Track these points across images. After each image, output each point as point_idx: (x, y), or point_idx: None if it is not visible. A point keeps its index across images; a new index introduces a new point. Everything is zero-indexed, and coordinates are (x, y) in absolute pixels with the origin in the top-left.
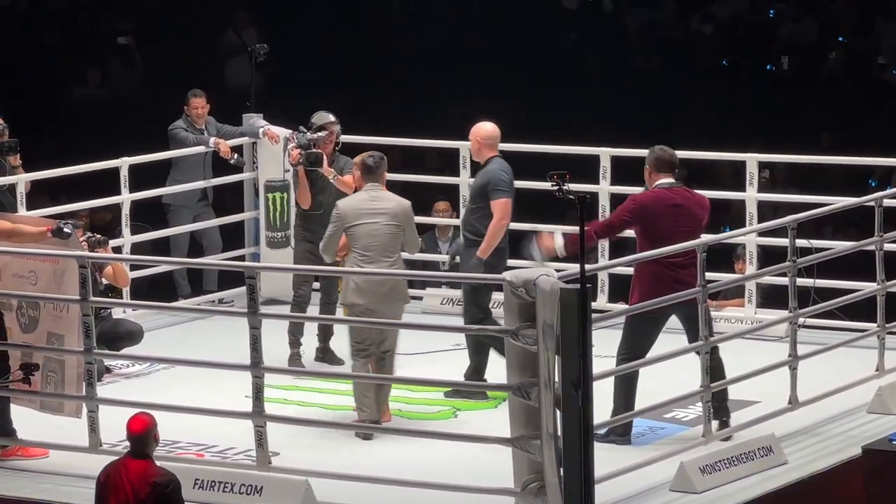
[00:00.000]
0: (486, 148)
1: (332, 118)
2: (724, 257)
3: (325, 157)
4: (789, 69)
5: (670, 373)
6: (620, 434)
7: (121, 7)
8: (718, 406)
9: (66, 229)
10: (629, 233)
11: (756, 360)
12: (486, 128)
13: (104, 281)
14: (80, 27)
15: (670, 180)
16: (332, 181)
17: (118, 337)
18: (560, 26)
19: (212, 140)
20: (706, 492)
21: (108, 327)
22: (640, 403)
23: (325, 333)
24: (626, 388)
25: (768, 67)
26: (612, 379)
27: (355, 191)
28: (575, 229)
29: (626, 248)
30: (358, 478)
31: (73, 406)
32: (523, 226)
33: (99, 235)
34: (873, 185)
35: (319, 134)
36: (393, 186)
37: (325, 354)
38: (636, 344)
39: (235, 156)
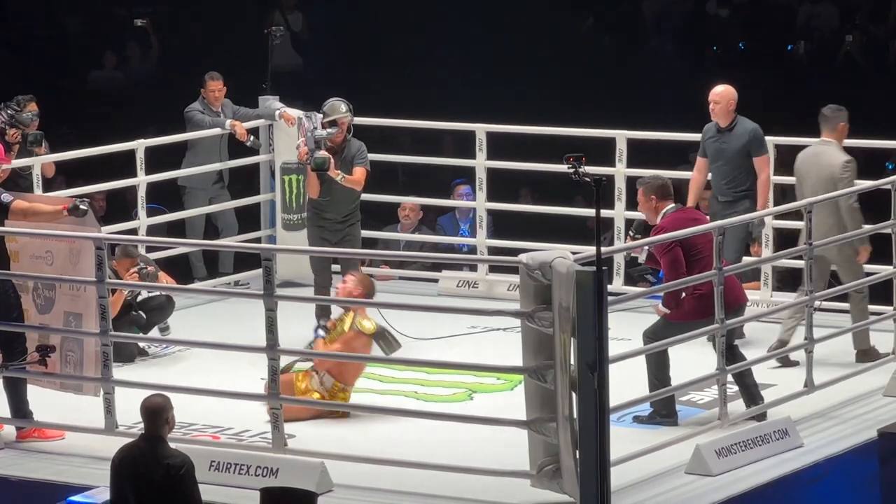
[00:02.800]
0: (734, 110)
1: (343, 109)
2: None
3: (332, 162)
4: (805, 53)
5: (687, 356)
6: (665, 415)
7: None
8: (746, 390)
9: (81, 206)
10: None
11: (772, 343)
12: (733, 90)
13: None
14: (97, 10)
15: (675, 204)
16: (339, 182)
17: (152, 309)
18: (576, 10)
19: (228, 122)
20: (722, 474)
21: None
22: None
23: (324, 312)
24: (658, 370)
25: (789, 48)
26: (631, 362)
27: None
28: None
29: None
30: (373, 460)
31: (92, 386)
32: (539, 208)
33: (151, 268)
34: (890, 167)
35: (330, 130)
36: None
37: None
38: (665, 333)
39: (252, 138)
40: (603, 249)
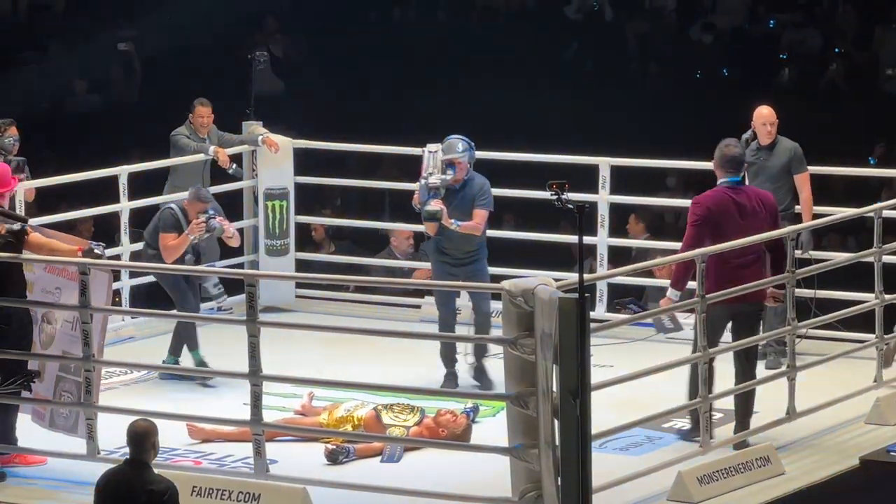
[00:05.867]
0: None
1: (460, 148)
2: None
3: (444, 212)
4: (789, 79)
5: (670, 382)
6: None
7: (122, 14)
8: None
9: (97, 251)
10: (633, 243)
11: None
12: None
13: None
14: (79, 34)
15: (734, 178)
16: (454, 230)
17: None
18: (561, 35)
19: (211, 149)
20: (703, 502)
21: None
22: (637, 414)
23: (480, 351)
24: (694, 382)
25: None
26: (613, 388)
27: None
28: None
29: (629, 258)
30: (355, 486)
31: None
32: (523, 235)
33: (219, 218)
34: (872, 162)
35: (444, 177)
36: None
37: (480, 374)
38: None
39: (234, 166)
40: (585, 276)
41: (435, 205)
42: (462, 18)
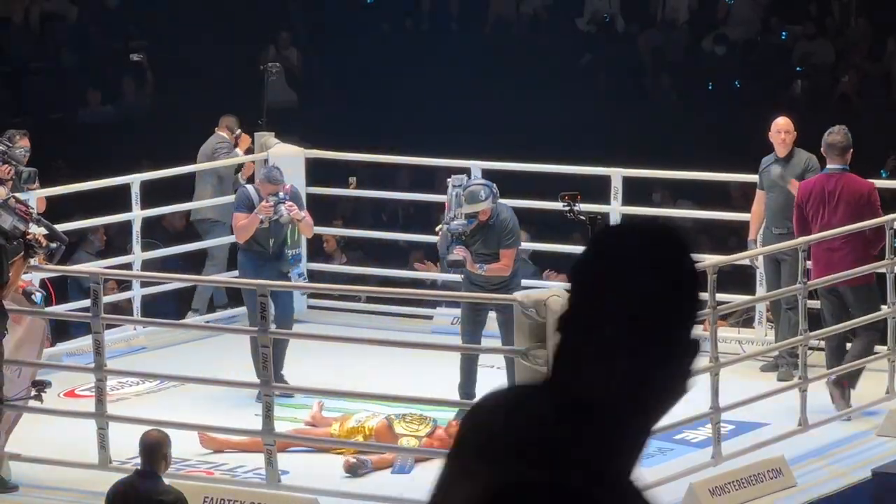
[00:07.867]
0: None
1: (482, 197)
2: (738, 278)
3: (468, 259)
4: (801, 91)
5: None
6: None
7: (134, 24)
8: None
9: (33, 297)
10: None
11: (766, 381)
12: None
13: None
14: (92, 44)
15: (835, 166)
16: (482, 274)
17: None
18: (574, 47)
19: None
20: None
21: None
22: None
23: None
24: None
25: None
26: None
27: None
28: None
29: None
30: (367, 496)
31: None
32: (535, 246)
33: (287, 204)
34: (885, 175)
35: (464, 223)
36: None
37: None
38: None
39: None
40: None
41: (458, 253)
42: (475, 30)
